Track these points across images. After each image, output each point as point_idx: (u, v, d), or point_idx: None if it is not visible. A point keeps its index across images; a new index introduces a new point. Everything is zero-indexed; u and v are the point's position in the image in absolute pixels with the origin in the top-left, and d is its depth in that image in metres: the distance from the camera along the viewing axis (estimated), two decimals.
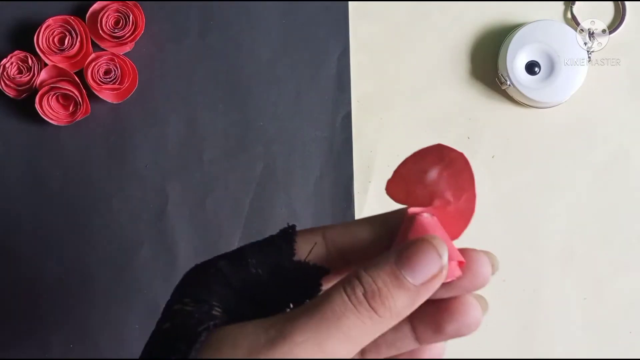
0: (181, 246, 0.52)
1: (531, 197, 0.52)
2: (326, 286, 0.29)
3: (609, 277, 0.52)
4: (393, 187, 0.29)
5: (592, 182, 0.53)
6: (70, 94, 0.50)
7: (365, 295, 0.25)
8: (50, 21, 0.51)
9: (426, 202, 0.28)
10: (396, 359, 0.30)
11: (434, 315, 0.28)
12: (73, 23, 0.51)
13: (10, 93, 0.51)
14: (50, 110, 0.50)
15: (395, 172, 0.29)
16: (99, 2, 0.51)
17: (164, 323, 0.27)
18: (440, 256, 0.25)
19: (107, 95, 0.51)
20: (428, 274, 0.25)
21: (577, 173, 0.53)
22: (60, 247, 0.52)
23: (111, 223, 0.52)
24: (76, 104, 0.50)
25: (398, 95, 0.53)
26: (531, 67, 0.51)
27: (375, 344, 0.29)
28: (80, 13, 0.52)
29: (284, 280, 0.29)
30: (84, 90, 0.51)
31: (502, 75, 0.52)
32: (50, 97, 0.50)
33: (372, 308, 0.25)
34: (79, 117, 0.51)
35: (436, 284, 0.25)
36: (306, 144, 0.53)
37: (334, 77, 0.53)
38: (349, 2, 0.53)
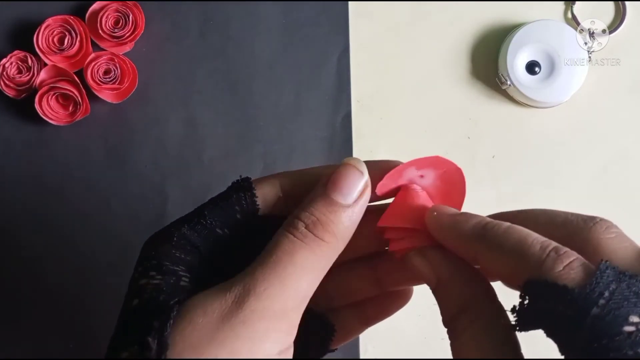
0: None
1: (531, 197, 0.52)
2: None
3: None
4: (383, 189, 0.30)
5: (592, 182, 0.53)
6: (70, 93, 0.50)
7: (307, 227, 0.26)
8: (49, 21, 0.51)
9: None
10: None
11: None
12: (73, 23, 0.51)
13: (9, 93, 0.51)
14: (50, 110, 0.50)
15: (387, 176, 0.29)
16: (98, 2, 0.51)
17: (132, 300, 0.27)
18: (361, 172, 0.27)
19: (106, 95, 0.51)
20: (356, 191, 0.27)
21: (577, 173, 0.53)
22: (60, 247, 0.52)
23: (111, 223, 0.52)
24: (76, 104, 0.50)
25: (398, 95, 0.53)
26: (531, 67, 0.51)
27: (331, 290, 0.31)
28: (80, 13, 0.52)
29: (248, 236, 0.29)
30: (84, 90, 0.51)
31: (502, 75, 0.52)
32: (49, 97, 0.50)
33: (317, 236, 0.26)
34: (79, 117, 0.51)
35: (366, 197, 0.27)
36: (306, 144, 0.52)
37: (334, 77, 0.53)
38: (349, 2, 0.53)
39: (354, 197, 0.27)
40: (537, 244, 0.24)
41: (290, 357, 0.25)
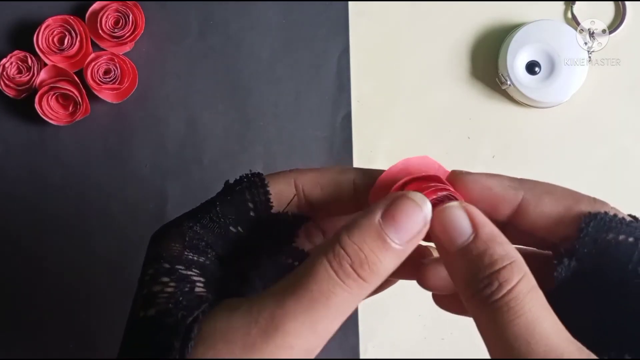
0: None
1: None
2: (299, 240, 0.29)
3: None
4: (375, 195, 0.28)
5: (592, 182, 0.53)
6: (70, 93, 0.50)
7: (352, 266, 0.24)
8: (49, 21, 0.51)
9: None
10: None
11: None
12: (73, 23, 0.51)
13: (9, 93, 0.51)
14: (50, 110, 0.50)
15: (379, 180, 0.28)
16: (98, 2, 0.51)
17: (145, 309, 0.25)
18: (422, 211, 0.25)
19: (106, 95, 0.51)
20: (413, 231, 0.25)
21: (577, 173, 0.53)
22: (60, 247, 0.52)
23: (111, 223, 0.52)
24: (76, 104, 0.50)
25: (398, 95, 0.53)
26: (531, 67, 0.51)
27: None
28: (80, 13, 0.52)
29: (261, 234, 0.28)
30: (84, 90, 0.51)
31: (502, 75, 0.52)
32: (49, 97, 0.50)
33: (361, 277, 0.24)
34: (79, 117, 0.51)
35: (420, 238, 0.25)
36: (306, 144, 0.52)
37: (334, 77, 0.53)
38: (349, 2, 0.53)
39: (409, 237, 0.25)
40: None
41: None
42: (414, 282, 0.30)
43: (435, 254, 0.29)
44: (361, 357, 0.51)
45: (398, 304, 0.51)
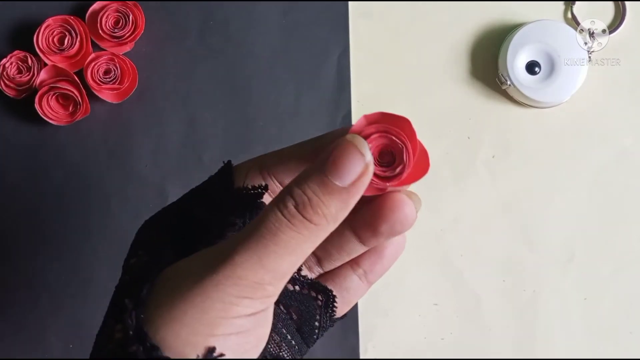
0: None
1: (531, 197, 0.52)
2: None
3: (609, 277, 0.52)
4: None
5: (592, 182, 0.53)
6: (70, 93, 0.50)
7: (297, 207, 0.25)
8: (49, 21, 0.51)
9: None
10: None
11: (369, 217, 0.29)
12: (73, 23, 0.51)
13: (10, 93, 0.51)
14: (50, 110, 0.50)
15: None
16: (98, 2, 0.51)
17: (123, 277, 0.28)
18: (363, 154, 0.26)
19: (106, 95, 0.51)
20: (355, 173, 0.25)
21: (577, 173, 0.53)
22: (60, 247, 0.52)
23: (111, 223, 0.52)
24: (76, 104, 0.50)
25: (398, 95, 0.53)
26: (531, 67, 0.51)
27: (325, 250, 0.31)
28: (80, 13, 0.52)
29: (229, 211, 0.30)
30: (84, 90, 0.51)
31: (502, 75, 0.52)
32: (49, 97, 0.50)
33: (306, 218, 0.25)
34: (79, 117, 0.51)
35: (365, 181, 0.26)
36: None
37: (334, 77, 0.53)
38: (349, 2, 0.53)
39: (352, 179, 0.26)
40: None
41: (267, 319, 0.26)
42: (414, 282, 0.30)
43: None
44: (361, 357, 0.51)
45: (398, 304, 0.51)
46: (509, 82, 0.51)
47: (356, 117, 0.53)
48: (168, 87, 0.53)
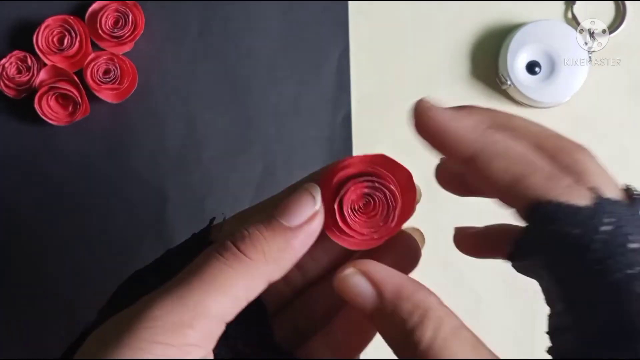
0: None
1: None
2: None
3: None
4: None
5: None
6: (70, 94, 0.50)
7: (233, 241, 0.23)
8: (49, 21, 0.51)
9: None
10: None
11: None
12: (72, 23, 0.51)
13: (9, 93, 0.51)
14: (50, 110, 0.50)
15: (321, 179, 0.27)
16: (98, 2, 0.51)
17: (76, 344, 0.26)
18: (313, 197, 0.25)
19: (106, 95, 0.51)
20: (303, 216, 0.24)
21: None
22: (59, 247, 0.52)
23: (111, 223, 0.52)
24: (75, 104, 0.50)
25: (398, 95, 0.53)
26: (531, 67, 0.51)
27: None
28: (79, 13, 0.52)
29: None
30: (84, 90, 0.51)
31: (502, 75, 0.52)
32: (49, 97, 0.50)
33: (241, 250, 0.23)
34: (79, 117, 0.51)
35: (313, 227, 0.25)
36: (306, 144, 0.52)
37: (334, 77, 0.53)
38: (349, 2, 0.53)
39: (299, 221, 0.24)
40: (543, 159, 0.23)
41: None
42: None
43: None
44: (361, 357, 0.51)
45: None
46: (509, 82, 0.51)
47: (356, 117, 0.53)
48: (168, 87, 0.53)
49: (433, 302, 0.23)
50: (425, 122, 0.26)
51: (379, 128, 0.53)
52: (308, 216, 0.25)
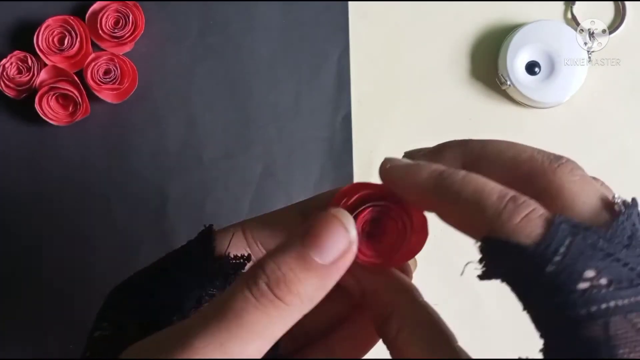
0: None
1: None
2: None
3: None
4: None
5: None
6: (70, 94, 0.50)
7: (268, 284, 0.22)
8: (49, 21, 0.51)
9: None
10: None
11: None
12: (73, 23, 0.51)
13: (9, 93, 0.51)
14: (50, 110, 0.50)
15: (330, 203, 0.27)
16: (98, 2, 0.51)
17: (85, 353, 0.26)
18: (347, 230, 0.23)
19: (106, 95, 0.51)
20: (337, 251, 0.23)
21: None
22: (59, 247, 0.52)
23: (111, 223, 0.52)
24: (76, 104, 0.50)
25: (398, 95, 0.53)
26: (531, 67, 0.51)
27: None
28: (80, 13, 0.52)
29: (208, 279, 0.28)
30: (84, 91, 0.51)
31: (502, 75, 0.52)
32: (49, 97, 0.50)
33: (277, 297, 0.22)
34: (79, 117, 0.51)
35: (347, 260, 0.24)
36: (306, 144, 0.52)
37: (334, 77, 0.53)
38: (349, 2, 0.53)
39: (334, 257, 0.23)
40: (495, 193, 0.22)
41: None
42: (414, 282, 0.30)
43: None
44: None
45: None
46: (509, 82, 0.51)
47: (356, 117, 0.53)
48: (168, 87, 0.53)
49: (399, 301, 0.26)
50: (387, 180, 0.26)
51: (379, 128, 0.53)
52: (342, 250, 0.23)
